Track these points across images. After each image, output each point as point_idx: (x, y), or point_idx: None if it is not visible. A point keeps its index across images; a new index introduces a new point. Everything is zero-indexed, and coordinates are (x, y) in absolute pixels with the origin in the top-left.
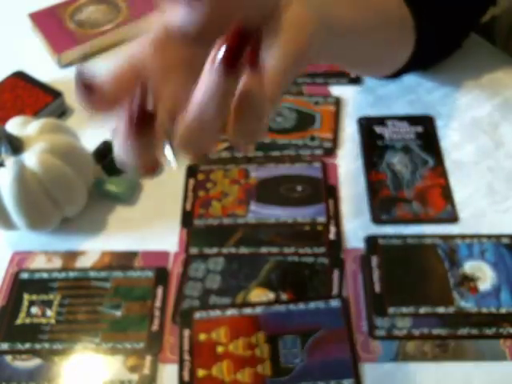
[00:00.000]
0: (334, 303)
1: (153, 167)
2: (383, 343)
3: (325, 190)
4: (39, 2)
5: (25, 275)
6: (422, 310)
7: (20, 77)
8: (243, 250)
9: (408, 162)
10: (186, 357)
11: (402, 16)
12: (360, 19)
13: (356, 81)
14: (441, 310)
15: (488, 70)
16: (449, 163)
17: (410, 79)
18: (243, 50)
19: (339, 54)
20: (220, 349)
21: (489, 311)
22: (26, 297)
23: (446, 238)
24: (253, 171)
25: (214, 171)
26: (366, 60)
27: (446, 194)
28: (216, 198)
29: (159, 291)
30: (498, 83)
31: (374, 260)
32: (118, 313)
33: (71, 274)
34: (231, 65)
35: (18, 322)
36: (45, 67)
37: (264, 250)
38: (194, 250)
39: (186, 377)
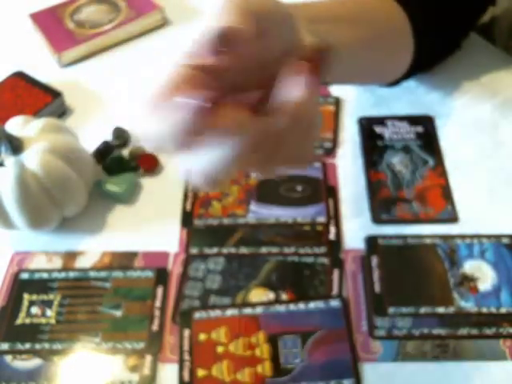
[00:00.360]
0: (334, 303)
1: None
2: (383, 343)
3: (325, 190)
4: (39, 2)
5: (25, 275)
6: (422, 310)
7: (20, 77)
8: (243, 250)
9: (408, 162)
10: (186, 357)
11: (400, 24)
12: (358, 38)
13: None
14: (441, 309)
15: (488, 70)
16: (449, 163)
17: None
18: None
19: (341, 74)
20: (220, 349)
21: (489, 311)
22: (26, 297)
23: (446, 237)
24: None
25: None
26: (366, 75)
27: (446, 194)
28: (216, 197)
29: (159, 291)
30: (498, 83)
31: (374, 260)
32: (118, 313)
33: (71, 274)
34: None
35: (18, 322)
36: (45, 67)
37: (264, 250)
38: (194, 250)
39: (186, 377)
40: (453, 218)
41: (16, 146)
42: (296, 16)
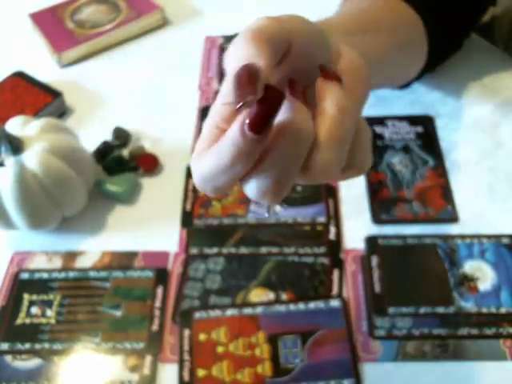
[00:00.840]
0: (334, 303)
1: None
2: (383, 343)
3: (325, 190)
4: (39, 2)
5: (25, 275)
6: (422, 310)
7: (20, 77)
8: (243, 250)
9: (408, 162)
10: (186, 357)
11: (416, 26)
12: (384, 46)
13: None
14: (441, 310)
15: (488, 70)
16: (449, 163)
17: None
18: (273, 115)
19: None
20: (220, 349)
21: (489, 311)
22: (26, 297)
23: (446, 237)
24: None
25: None
26: (386, 80)
27: (446, 194)
28: (216, 197)
29: (159, 291)
30: (499, 83)
31: (374, 260)
32: (118, 313)
33: (71, 274)
34: (259, 131)
35: (18, 322)
36: (45, 67)
37: (264, 250)
38: (194, 250)
39: (186, 377)
40: (453, 218)
41: (16, 146)
42: (330, 31)
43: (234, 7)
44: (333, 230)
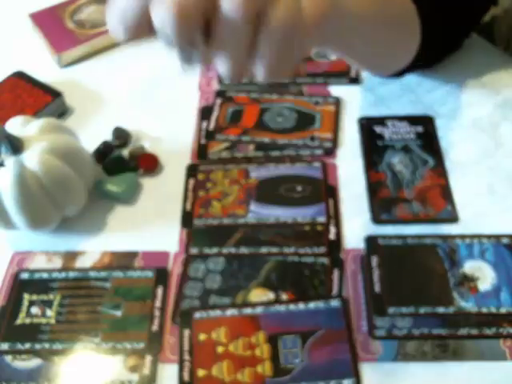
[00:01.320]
0: (334, 303)
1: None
2: (383, 343)
3: (325, 190)
4: (39, 2)
5: (25, 275)
6: (422, 310)
7: (20, 77)
8: (243, 250)
9: (408, 162)
10: (186, 357)
11: (410, 14)
12: (370, 13)
13: (356, 81)
14: (441, 310)
15: (488, 70)
16: (449, 163)
17: (409, 79)
18: None
19: (348, 44)
20: (220, 349)
21: (489, 311)
22: (26, 297)
23: (446, 237)
24: (253, 171)
25: (214, 171)
26: (373, 56)
27: (446, 194)
28: (216, 197)
29: (159, 291)
30: (499, 83)
31: (374, 260)
32: (118, 313)
33: (71, 274)
34: None
35: (18, 322)
36: (45, 67)
37: (264, 250)
38: (194, 250)
39: (186, 377)
40: (453, 218)
41: (16, 146)
42: None
43: None
44: (333, 230)
